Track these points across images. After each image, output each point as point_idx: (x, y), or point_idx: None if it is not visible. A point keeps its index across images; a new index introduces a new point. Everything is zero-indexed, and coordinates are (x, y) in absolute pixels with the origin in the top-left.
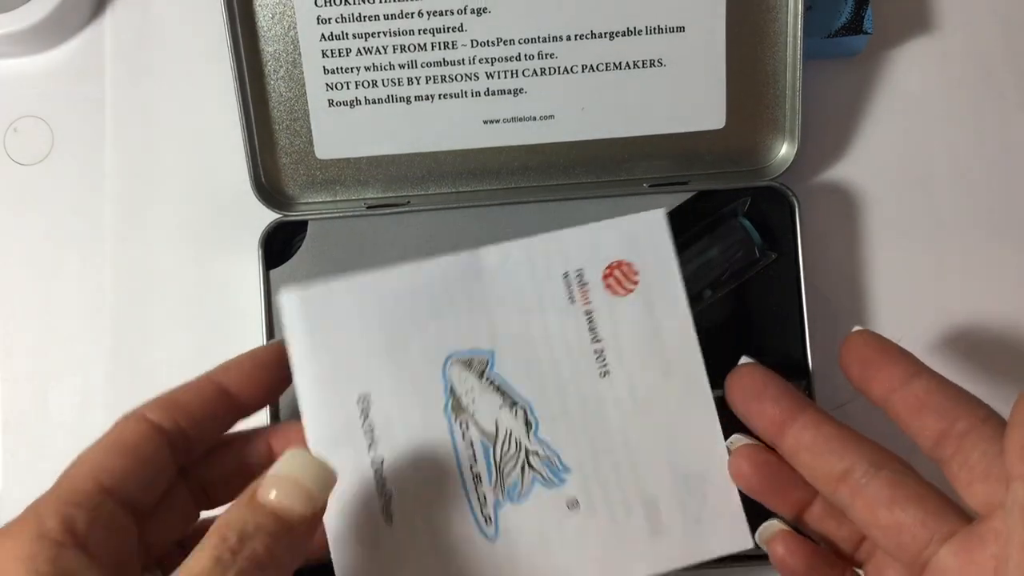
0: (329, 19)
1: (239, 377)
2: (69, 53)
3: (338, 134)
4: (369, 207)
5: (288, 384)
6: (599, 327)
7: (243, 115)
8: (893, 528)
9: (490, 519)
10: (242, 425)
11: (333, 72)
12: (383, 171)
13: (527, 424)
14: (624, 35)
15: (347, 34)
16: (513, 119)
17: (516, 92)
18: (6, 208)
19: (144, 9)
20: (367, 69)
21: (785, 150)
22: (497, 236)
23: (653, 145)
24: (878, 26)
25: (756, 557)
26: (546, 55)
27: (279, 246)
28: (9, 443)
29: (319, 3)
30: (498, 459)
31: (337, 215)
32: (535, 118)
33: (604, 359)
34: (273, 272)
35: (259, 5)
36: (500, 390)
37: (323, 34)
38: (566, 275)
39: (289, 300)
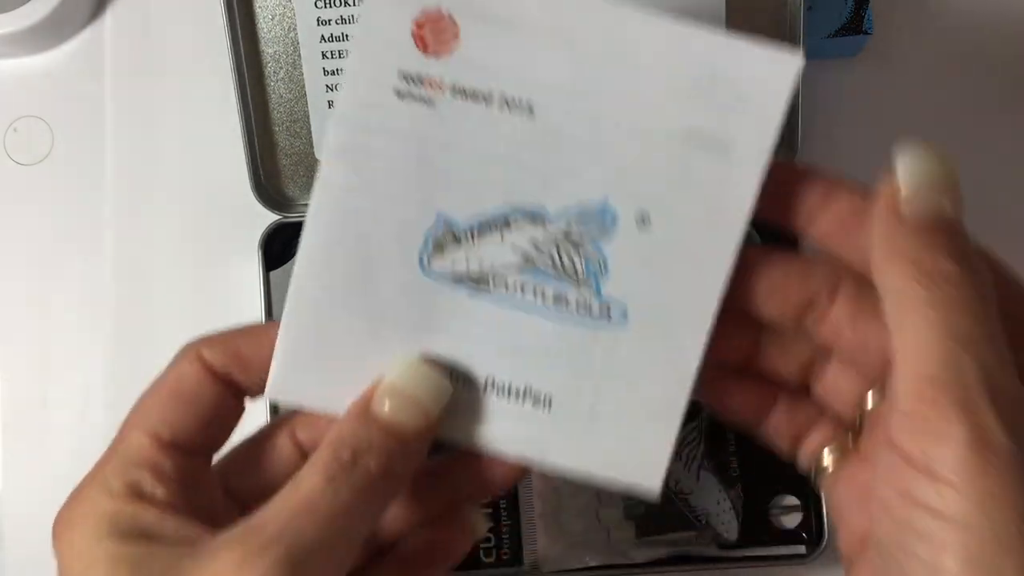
0: (329, 20)
1: None
2: (69, 53)
3: None
4: None
5: None
6: (466, 79)
7: (243, 117)
8: (859, 346)
9: (606, 311)
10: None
11: (333, 73)
12: None
13: (534, 219)
14: None
15: (347, 35)
16: None
17: None
18: (6, 208)
19: (144, 9)
20: None
21: (784, 154)
22: None
23: None
24: (878, 26)
25: (745, 558)
26: None
27: (279, 247)
28: (9, 443)
29: (319, 4)
30: (556, 267)
31: None
32: None
33: (496, 100)
34: (273, 274)
35: (259, 7)
36: (486, 227)
37: (323, 35)
38: (395, 90)
39: None
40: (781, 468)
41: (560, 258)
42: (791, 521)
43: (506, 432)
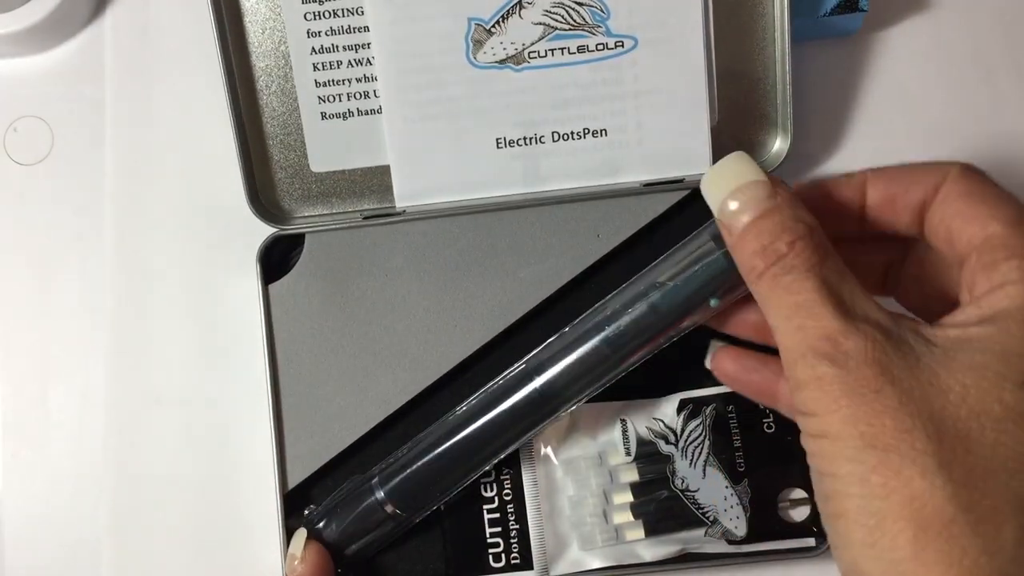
0: (319, 32)
1: None
2: (69, 53)
3: (332, 146)
4: (365, 217)
5: None
6: None
7: (237, 132)
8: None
9: (620, 43)
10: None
11: (325, 85)
12: (378, 181)
13: None
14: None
15: (337, 46)
16: None
17: None
18: (6, 208)
19: (144, 9)
20: (359, 80)
21: (779, 145)
22: (493, 241)
23: None
24: (874, 3)
25: (755, 554)
26: None
27: (277, 259)
28: (9, 443)
29: (308, 16)
30: (569, 23)
31: (334, 227)
32: None
33: None
34: (272, 286)
35: (248, 21)
36: (506, 13)
37: (313, 47)
38: None
39: None
40: (788, 462)
41: (570, 15)
42: (799, 514)
43: (582, 165)
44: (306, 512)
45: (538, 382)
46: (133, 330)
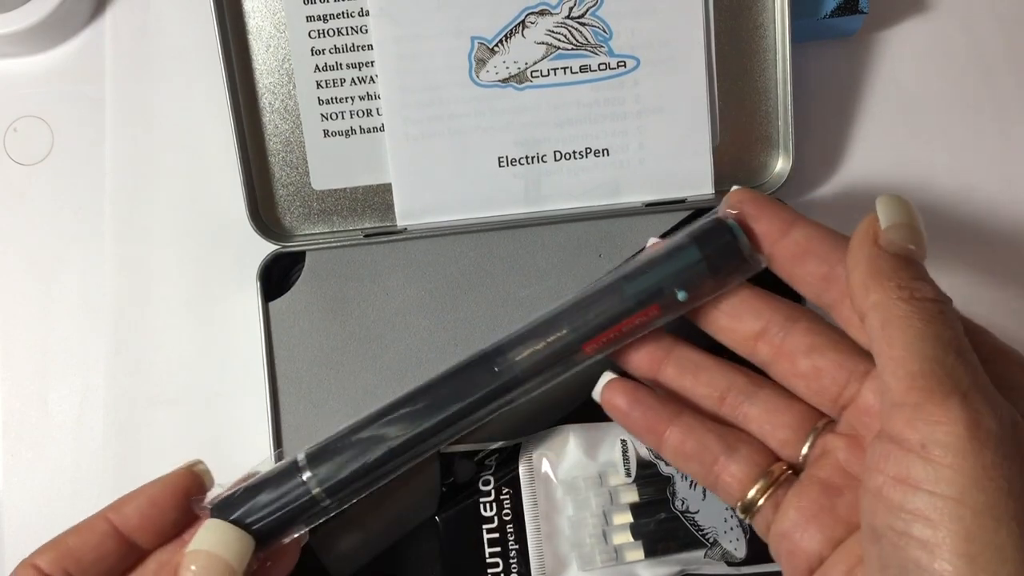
0: (323, 50)
1: (134, 518)
2: (69, 53)
3: (334, 164)
4: (366, 236)
5: (189, 524)
6: None
7: (239, 149)
8: (813, 373)
9: (623, 63)
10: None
11: (327, 103)
12: (379, 199)
13: (542, 13)
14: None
15: (340, 64)
16: None
17: None
18: (6, 208)
19: (144, 9)
20: (361, 98)
21: (780, 165)
22: (494, 260)
23: None
24: (874, 4)
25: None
26: None
27: (278, 276)
28: (9, 443)
29: (312, 34)
30: (572, 43)
31: (335, 245)
32: None
33: None
34: (272, 304)
35: (253, 39)
36: (509, 33)
37: (317, 65)
38: None
39: None
40: None
41: (572, 35)
42: None
43: (584, 184)
44: (207, 499)
45: (491, 355)
46: (133, 330)
